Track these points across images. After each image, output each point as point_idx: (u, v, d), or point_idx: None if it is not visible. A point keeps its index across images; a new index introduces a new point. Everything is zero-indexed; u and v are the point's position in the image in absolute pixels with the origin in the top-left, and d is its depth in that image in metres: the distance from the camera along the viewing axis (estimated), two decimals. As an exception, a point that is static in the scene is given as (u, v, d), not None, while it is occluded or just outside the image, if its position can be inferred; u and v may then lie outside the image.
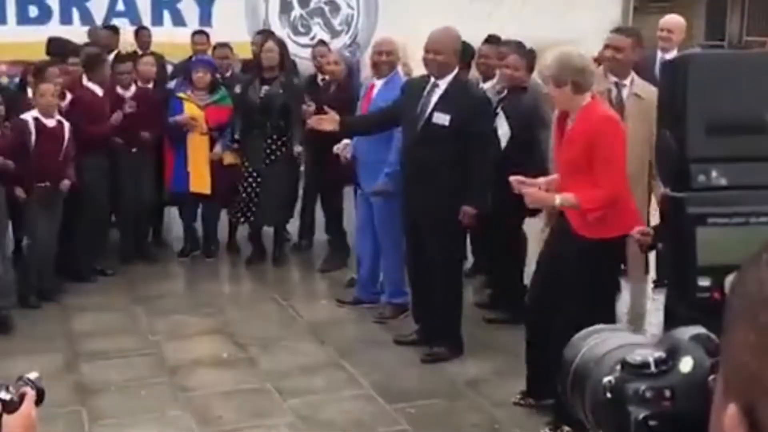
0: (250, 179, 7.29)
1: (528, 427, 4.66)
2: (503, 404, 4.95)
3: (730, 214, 1.38)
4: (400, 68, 6.37)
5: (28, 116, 6.34)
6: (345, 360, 5.59)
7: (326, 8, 10.20)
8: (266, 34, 8.22)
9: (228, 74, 7.91)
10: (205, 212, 7.69)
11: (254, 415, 4.89)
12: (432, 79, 5.47)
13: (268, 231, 7.65)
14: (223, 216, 7.76)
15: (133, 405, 5.00)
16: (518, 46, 6.31)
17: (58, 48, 7.94)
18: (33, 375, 2.30)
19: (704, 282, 1.34)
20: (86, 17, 9.68)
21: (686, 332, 0.96)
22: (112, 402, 5.05)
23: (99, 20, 9.61)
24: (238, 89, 7.38)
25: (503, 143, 5.81)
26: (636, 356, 0.96)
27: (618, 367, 0.97)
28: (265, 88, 7.20)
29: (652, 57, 6.72)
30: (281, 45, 7.42)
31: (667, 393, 0.93)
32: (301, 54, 9.18)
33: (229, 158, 7.52)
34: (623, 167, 4.25)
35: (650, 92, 4.93)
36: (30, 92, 6.87)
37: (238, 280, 7.58)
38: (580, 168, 4.25)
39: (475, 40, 7.54)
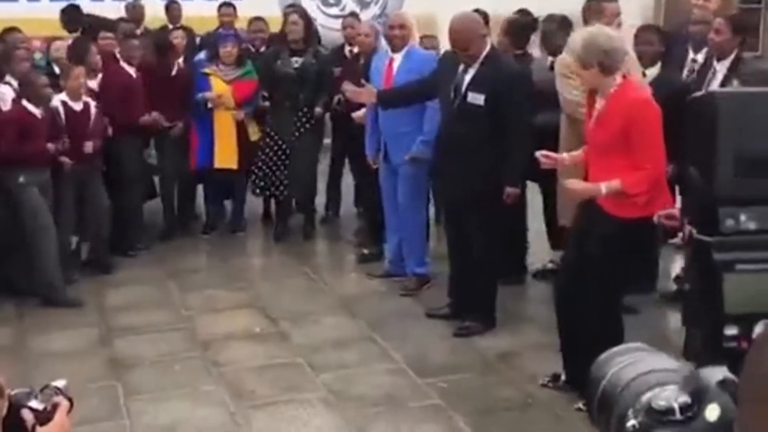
0: (279, 152, 7.28)
1: (561, 403, 4.63)
2: (536, 379, 4.92)
3: (760, 260, 1.31)
4: (416, 41, 6.28)
5: (57, 101, 6.32)
6: (376, 333, 5.59)
7: (356, -21, 10.14)
8: (292, 7, 8.16)
9: (262, 49, 7.83)
10: (233, 190, 7.70)
11: (287, 390, 4.91)
12: None
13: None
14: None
15: (167, 380, 5.05)
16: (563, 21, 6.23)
17: (72, 19, 7.95)
18: (61, 383, 2.27)
19: (731, 331, 1.28)
20: (118, -9, 9.66)
21: (713, 375, 0.92)
22: (147, 377, 5.09)
23: (129, -8, 9.60)
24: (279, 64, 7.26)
25: None
26: (661, 401, 0.94)
27: (643, 407, 0.94)
28: (297, 59, 7.16)
29: (684, 27, 6.64)
30: (306, 17, 7.37)
31: None
32: (330, 25, 9.14)
33: (254, 134, 7.51)
34: (662, 146, 4.20)
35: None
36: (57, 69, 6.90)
37: (268, 254, 7.60)
38: (615, 150, 4.22)
39: (504, 9, 7.46)
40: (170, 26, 8.81)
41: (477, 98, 5.30)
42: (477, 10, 6.95)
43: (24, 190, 6.01)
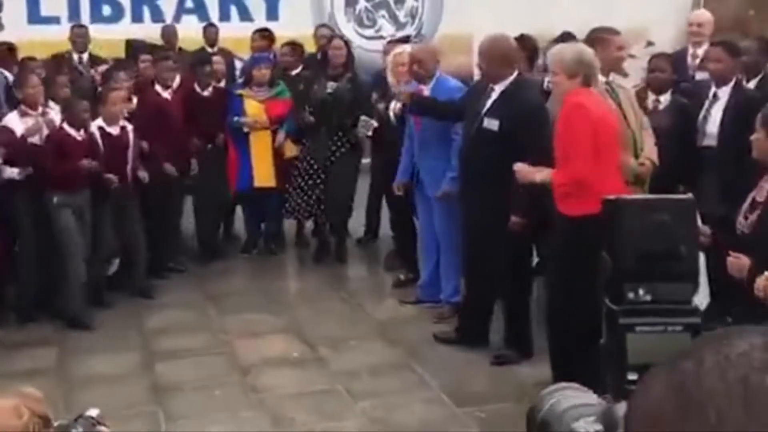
0: (314, 176, 7.35)
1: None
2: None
3: (653, 323, 1.77)
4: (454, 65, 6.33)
5: (93, 126, 6.39)
6: (413, 361, 5.61)
7: (391, 0, 10.21)
8: (329, 29, 8.23)
9: (294, 72, 7.91)
10: (268, 208, 7.78)
11: (326, 417, 4.95)
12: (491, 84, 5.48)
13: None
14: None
15: (208, 405, 5.10)
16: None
17: (138, 49, 8.10)
18: (94, 412, 2.34)
19: (632, 376, 1.66)
20: (157, 15, 9.87)
21: (620, 410, 1.16)
22: (187, 402, 5.16)
23: (169, 18, 9.80)
24: (315, 87, 7.35)
25: None
26: (581, 429, 1.27)
27: (569, 431, 1.28)
28: (332, 84, 7.23)
29: (683, 51, 7.05)
30: (347, 42, 7.46)
31: None
32: (365, 46, 9.22)
33: (290, 151, 7.58)
34: (587, 151, 4.54)
35: (625, 82, 5.68)
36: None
37: (304, 277, 7.66)
38: (561, 149, 4.65)
39: (539, 29, 7.49)
40: (208, 48, 8.95)
41: (492, 123, 5.31)
42: (522, 36, 7.01)
43: (57, 210, 6.11)
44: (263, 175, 7.51)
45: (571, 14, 8.42)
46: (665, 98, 5.93)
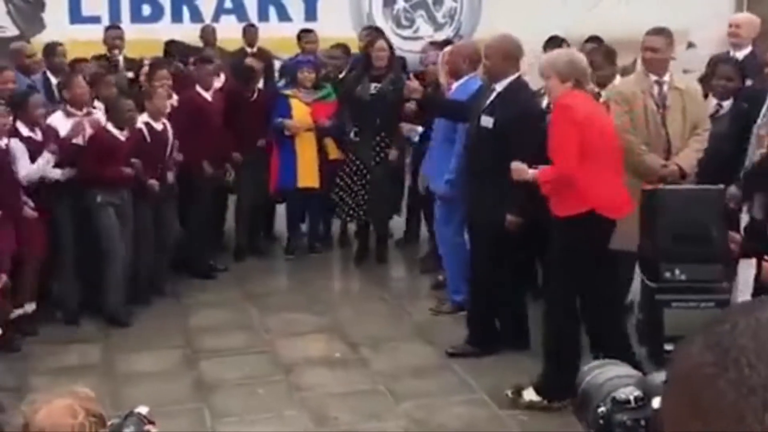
0: (359, 176, 7.39)
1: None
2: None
3: (687, 300, 1.91)
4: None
5: (140, 122, 6.48)
6: (454, 362, 5.63)
7: (430, 1, 10.22)
8: (374, 31, 8.25)
9: (341, 75, 7.92)
10: (311, 208, 7.83)
11: (369, 417, 4.99)
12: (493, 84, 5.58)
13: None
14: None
15: (252, 403, 5.16)
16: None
17: (177, 51, 8.17)
18: (144, 409, 2.38)
19: (669, 347, 1.85)
20: (196, 15, 9.95)
21: (658, 378, 1.31)
22: (232, 400, 5.21)
23: (208, 18, 9.87)
24: (360, 90, 7.36)
25: None
26: (621, 394, 1.36)
27: (610, 399, 1.37)
28: (375, 85, 7.27)
29: (725, 54, 6.96)
30: (390, 44, 7.48)
31: (642, 422, 1.34)
32: (403, 47, 9.23)
33: (334, 152, 7.63)
34: (572, 151, 4.64)
35: (688, 83, 5.73)
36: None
37: (345, 277, 7.71)
38: (551, 150, 4.75)
39: (577, 31, 7.48)
40: (247, 49, 9.01)
41: (488, 121, 5.38)
42: (555, 37, 7.00)
43: (100, 209, 6.19)
44: (307, 175, 7.56)
45: (611, 16, 8.39)
46: (727, 104, 5.90)
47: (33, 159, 5.88)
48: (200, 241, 7.20)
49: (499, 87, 5.46)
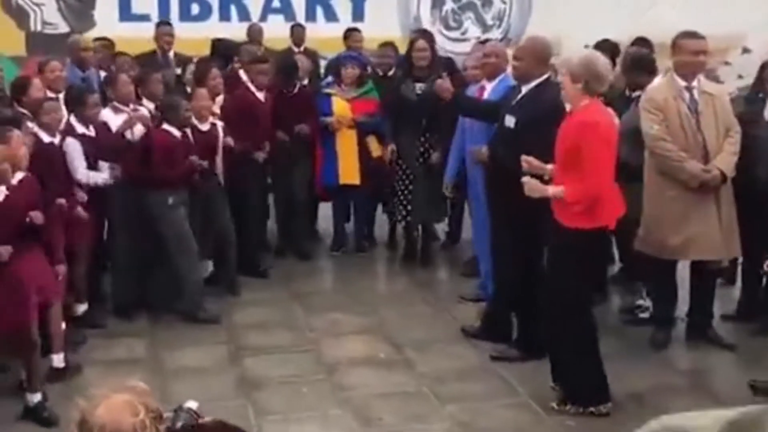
0: (404, 177, 7.37)
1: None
2: (668, 421, 4.82)
3: None
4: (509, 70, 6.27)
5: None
6: (499, 365, 5.58)
7: (478, 3, 10.18)
8: (421, 33, 8.22)
9: (390, 73, 7.89)
10: (357, 206, 7.82)
11: (413, 419, 4.94)
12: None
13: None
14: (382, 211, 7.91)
15: (296, 402, 5.15)
16: None
17: (224, 48, 8.21)
18: (193, 404, 2.37)
19: None
20: (243, 14, 10.00)
21: None
22: (276, 397, 5.20)
23: (256, 17, 9.94)
24: (405, 89, 7.34)
25: None
26: None
27: None
28: (420, 85, 7.23)
29: None
30: (432, 44, 7.44)
31: None
32: (451, 49, 9.20)
33: (376, 150, 7.61)
34: (606, 166, 4.62)
35: (717, 88, 5.64)
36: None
37: (389, 278, 7.68)
38: (568, 162, 4.64)
39: (629, 33, 7.39)
40: (294, 48, 9.03)
41: (510, 121, 5.41)
42: (606, 41, 6.92)
43: (172, 211, 6.19)
44: (348, 172, 7.56)
45: (663, 19, 8.27)
46: None
47: (87, 155, 5.91)
48: (246, 239, 7.21)
49: (525, 88, 5.46)
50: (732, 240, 5.55)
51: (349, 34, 8.69)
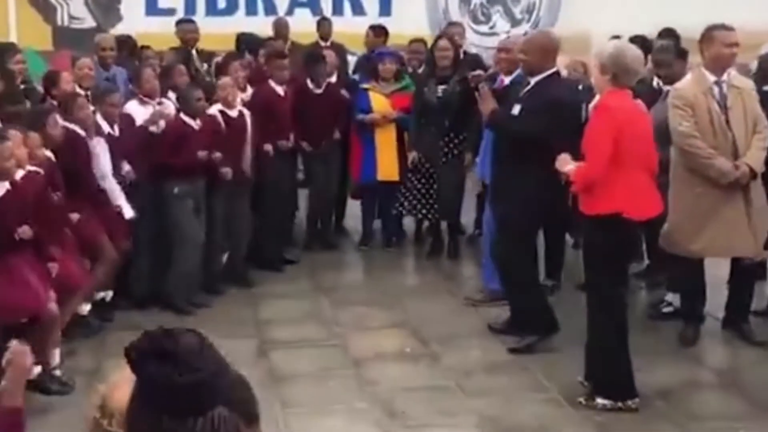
0: (427, 176, 7.35)
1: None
2: (698, 417, 4.77)
3: None
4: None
5: (214, 110, 6.52)
6: (526, 359, 5.54)
7: (508, -5, 10.12)
8: (450, 27, 8.17)
9: (420, 70, 7.82)
10: (388, 202, 7.80)
11: (439, 413, 4.92)
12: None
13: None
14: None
15: (323, 395, 5.14)
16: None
17: (248, 43, 8.22)
18: None
19: None
20: (270, 8, 10.01)
21: None
22: (302, 391, 5.20)
23: (282, 11, 9.93)
24: (427, 89, 7.27)
25: None
26: None
27: None
28: (442, 87, 7.18)
29: None
30: (455, 44, 7.39)
31: None
32: (479, 43, 9.14)
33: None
34: (605, 154, 4.62)
35: (745, 82, 5.54)
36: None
37: (417, 273, 7.67)
38: (585, 147, 4.77)
39: (659, 27, 7.30)
40: (321, 42, 9.01)
41: (515, 109, 5.49)
42: (637, 37, 6.84)
43: (177, 200, 6.23)
44: (387, 168, 7.54)
45: (696, 13, 8.14)
46: None
47: (111, 153, 5.94)
48: (273, 232, 7.21)
49: (533, 80, 5.51)
50: (761, 237, 5.47)
51: (371, 30, 8.62)
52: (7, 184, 4.89)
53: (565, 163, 4.87)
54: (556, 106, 5.35)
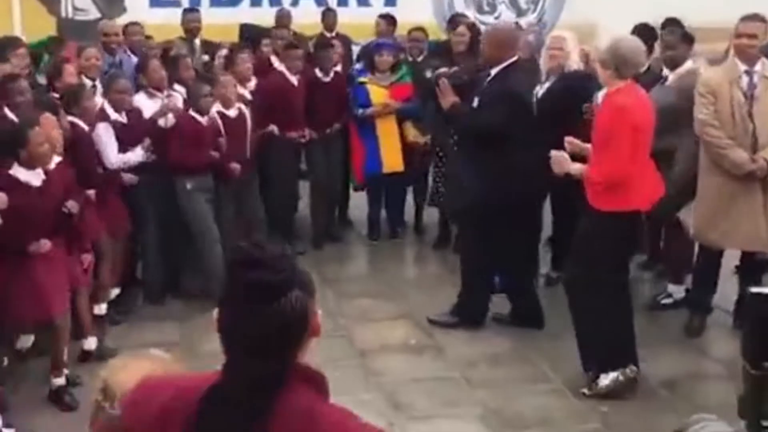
0: (439, 163, 7.35)
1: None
2: (703, 408, 4.76)
3: None
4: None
5: (213, 110, 6.43)
6: (531, 351, 5.55)
7: (513, -15, 10.08)
8: (460, 18, 8.15)
9: (420, 58, 7.85)
10: (391, 193, 7.79)
11: (444, 404, 4.94)
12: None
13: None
14: (410, 198, 7.87)
15: (329, 386, 5.13)
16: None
17: (250, 33, 8.20)
18: None
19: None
20: (275, -1, 9.96)
21: None
22: (308, 382, 5.20)
23: (287, 2, 9.88)
24: (428, 74, 7.28)
25: None
26: None
27: None
28: (443, 70, 7.15)
29: None
30: (473, 30, 7.38)
31: None
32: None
33: (413, 136, 7.57)
34: (627, 154, 4.61)
35: None
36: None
37: (422, 264, 7.67)
38: (600, 143, 4.72)
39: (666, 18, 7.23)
40: (326, 33, 8.99)
41: (475, 101, 5.62)
42: (645, 25, 6.82)
43: (191, 196, 6.23)
44: (392, 160, 7.54)
45: (703, 3, 8.11)
46: None
47: (119, 142, 5.93)
48: (278, 224, 7.21)
49: (494, 71, 5.62)
50: None
51: (379, 20, 8.60)
52: (42, 174, 4.84)
53: (566, 163, 4.86)
54: (511, 97, 5.49)
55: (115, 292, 6.11)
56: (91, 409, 2.32)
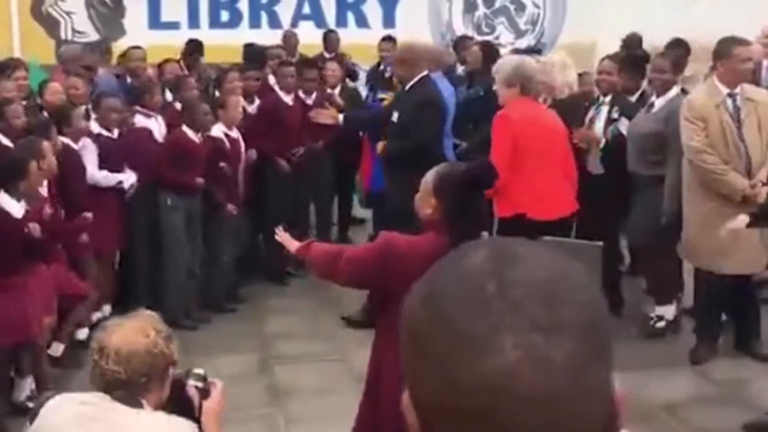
0: None
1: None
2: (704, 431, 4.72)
3: None
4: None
5: (218, 131, 6.42)
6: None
7: (511, 7, 10.09)
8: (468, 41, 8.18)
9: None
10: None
11: (444, 429, 4.86)
12: None
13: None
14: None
15: (326, 411, 5.09)
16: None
17: (254, 54, 8.20)
18: (201, 370, 2.68)
19: None
20: (274, 21, 10.00)
21: None
22: (306, 406, 5.17)
23: (286, 24, 9.93)
24: None
25: None
26: None
27: None
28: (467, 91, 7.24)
29: (758, 64, 6.86)
30: (487, 49, 7.40)
31: None
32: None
33: None
34: (505, 160, 4.86)
35: (760, 93, 5.47)
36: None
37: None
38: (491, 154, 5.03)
39: (665, 38, 7.25)
40: (326, 54, 9.00)
41: (395, 116, 6.00)
42: (633, 35, 6.83)
43: (169, 212, 6.19)
44: None
45: (706, 22, 8.11)
46: None
47: (107, 158, 5.91)
48: (276, 246, 7.13)
49: (407, 87, 6.04)
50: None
51: (382, 44, 8.59)
52: (26, 205, 4.82)
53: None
54: (426, 103, 5.88)
55: (108, 309, 6.06)
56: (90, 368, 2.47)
